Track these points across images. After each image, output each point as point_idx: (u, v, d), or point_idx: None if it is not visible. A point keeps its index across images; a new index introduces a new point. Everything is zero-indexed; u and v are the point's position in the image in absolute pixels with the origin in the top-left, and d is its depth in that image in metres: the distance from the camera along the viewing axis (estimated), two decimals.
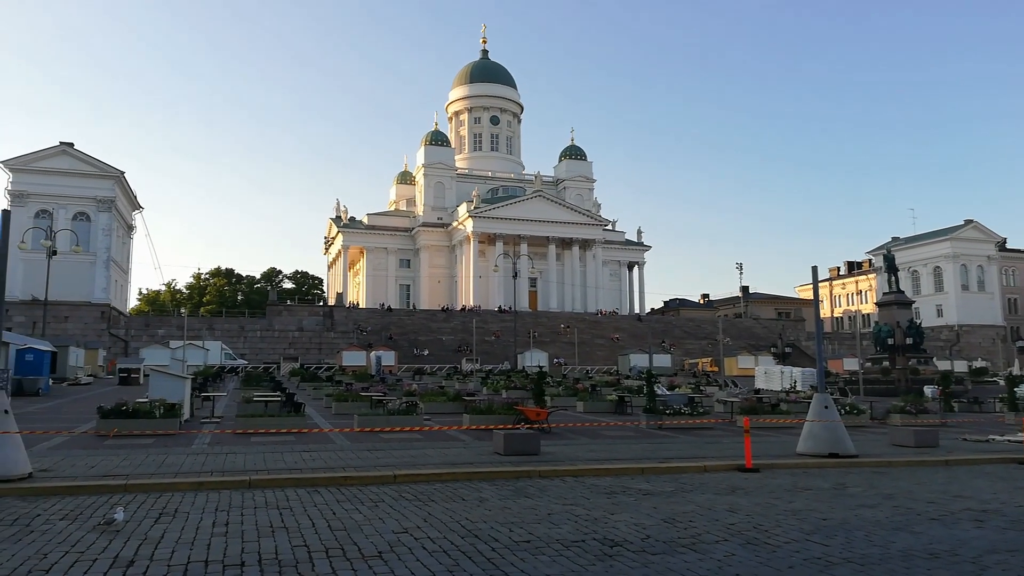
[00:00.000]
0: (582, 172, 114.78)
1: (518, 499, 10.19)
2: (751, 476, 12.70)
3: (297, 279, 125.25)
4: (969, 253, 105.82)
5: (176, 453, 14.27)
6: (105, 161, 75.35)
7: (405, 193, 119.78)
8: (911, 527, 8.59)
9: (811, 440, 15.29)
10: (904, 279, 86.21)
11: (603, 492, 10.83)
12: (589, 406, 28.42)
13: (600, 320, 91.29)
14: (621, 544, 7.57)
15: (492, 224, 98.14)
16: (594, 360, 72.46)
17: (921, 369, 45.46)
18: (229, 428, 19.15)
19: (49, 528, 8.12)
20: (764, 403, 26.17)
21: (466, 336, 73.49)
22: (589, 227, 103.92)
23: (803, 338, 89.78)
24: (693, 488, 11.31)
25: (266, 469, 12.30)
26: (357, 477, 11.63)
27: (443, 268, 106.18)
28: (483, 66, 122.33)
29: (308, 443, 16.38)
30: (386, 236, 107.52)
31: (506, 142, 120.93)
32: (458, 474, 12.10)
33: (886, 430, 20.76)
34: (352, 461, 13.41)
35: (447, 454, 14.69)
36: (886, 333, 46.97)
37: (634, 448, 16.35)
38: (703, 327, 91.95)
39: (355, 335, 74.60)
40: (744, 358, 70.07)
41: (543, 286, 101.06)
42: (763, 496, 10.64)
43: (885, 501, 10.34)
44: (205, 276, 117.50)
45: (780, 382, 45.37)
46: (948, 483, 12.23)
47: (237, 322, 76.93)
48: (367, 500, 10.02)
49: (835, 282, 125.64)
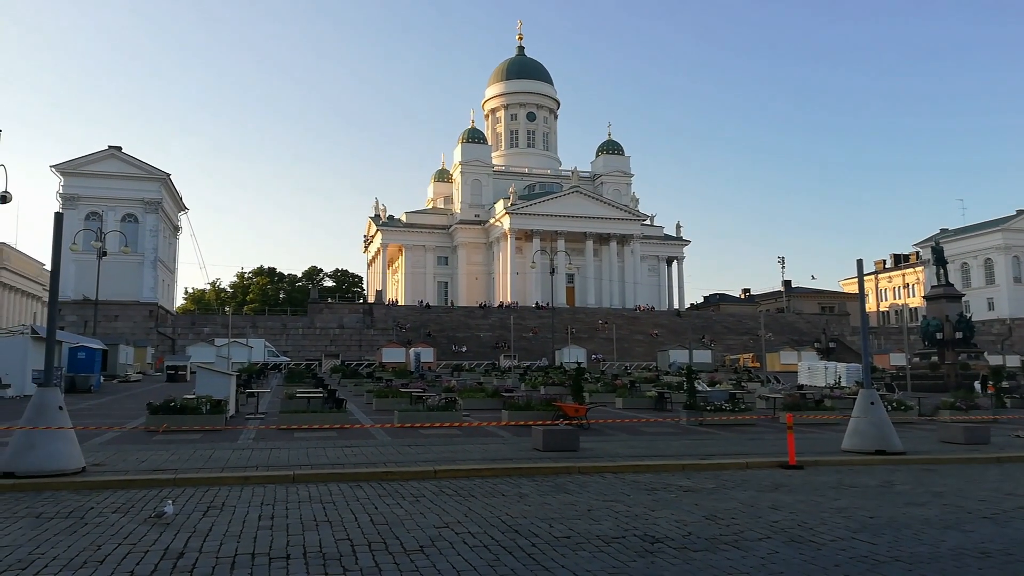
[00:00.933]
0: (619, 167, 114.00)
1: (558, 495, 10.18)
2: (795, 473, 12.49)
3: (337, 277, 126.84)
4: (1022, 244, 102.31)
5: (222, 448, 14.58)
6: (152, 164, 77.34)
7: (442, 191, 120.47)
8: (962, 525, 8.37)
9: (857, 437, 14.96)
10: (953, 272, 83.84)
11: (643, 488, 10.76)
12: (628, 402, 28.25)
13: (638, 316, 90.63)
14: (662, 541, 7.52)
15: (529, 220, 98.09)
16: (633, 356, 71.99)
17: (971, 364, 44.20)
18: (273, 424, 19.49)
19: (102, 520, 8.36)
20: (808, 399, 25.67)
21: (504, 333, 73.64)
22: (627, 222, 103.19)
23: (848, 333, 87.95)
24: (735, 485, 11.17)
25: (309, 464, 12.49)
26: (398, 472, 11.74)
27: (480, 265, 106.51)
28: (519, 63, 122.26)
29: (350, 438, 16.58)
30: (424, 234, 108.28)
31: (543, 138, 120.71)
32: (497, 470, 12.14)
33: (935, 427, 20.20)
34: (393, 456, 13.55)
35: (486, 450, 14.74)
36: (935, 327, 45.76)
37: (674, 444, 16.20)
38: (744, 322, 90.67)
39: (394, 332, 75.32)
40: (787, 354, 68.89)
41: (580, 282, 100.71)
42: (807, 493, 10.46)
43: (934, 499, 10.08)
44: (248, 275, 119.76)
45: (824, 378, 44.49)
46: (1000, 481, 11.87)
47: (279, 320, 78.30)
48: (408, 495, 10.12)
49: (881, 275, 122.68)
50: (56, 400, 11.53)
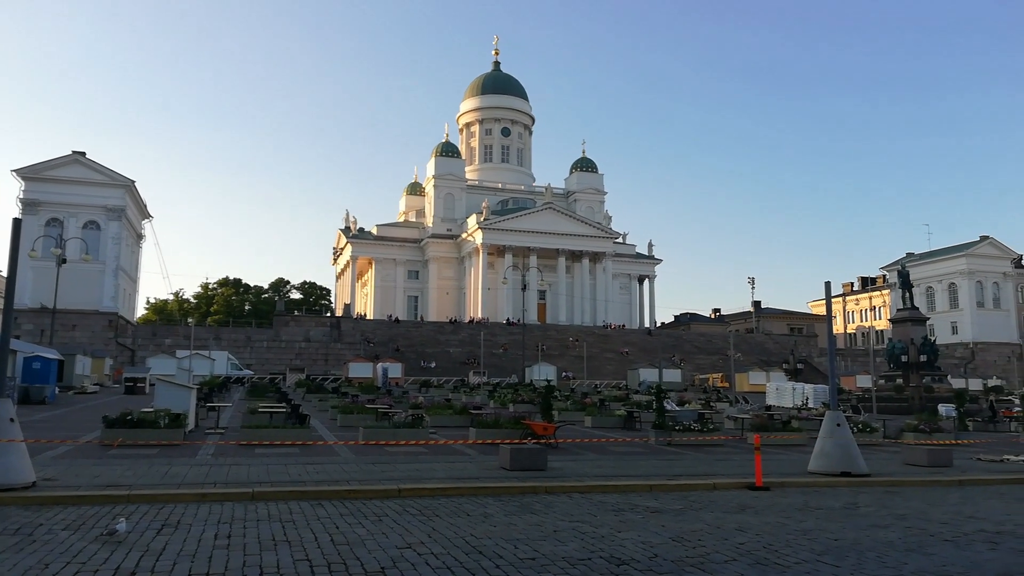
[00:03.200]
0: (593, 184, 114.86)
1: (524, 515, 10.05)
2: (761, 494, 12.51)
3: (305, 290, 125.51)
4: (985, 269, 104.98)
5: (180, 464, 14.21)
6: (116, 170, 76.03)
7: (415, 204, 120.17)
8: (924, 549, 8.41)
9: (823, 458, 15.07)
10: (919, 295, 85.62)
11: (610, 509, 10.68)
12: (597, 421, 28.22)
13: (609, 334, 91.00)
14: (628, 563, 7.43)
15: (501, 236, 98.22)
16: (603, 374, 72.14)
17: (935, 387, 45.00)
18: (233, 439, 19.09)
19: (51, 538, 8.06)
20: (775, 420, 25.91)
21: (474, 349, 73.39)
22: (599, 240, 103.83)
23: (815, 354, 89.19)
24: (702, 506, 11.14)
25: (270, 481, 12.21)
26: (361, 491, 11.52)
27: (452, 280, 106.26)
28: (495, 78, 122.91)
29: (312, 455, 16.30)
30: (395, 247, 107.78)
31: (517, 154, 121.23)
32: (463, 489, 11.98)
33: (899, 449, 20.47)
34: (356, 474, 13.31)
35: (452, 468, 14.56)
36: (900, 350, 46.57)
37: (642, 464, 16.17)
38: (714, 342, 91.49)
39: (362, 346, 74.63)
40: (755, 374, 69.63)
41: (552, 299, 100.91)
42: (773, 515, 10.46)
43: (897, 521, 10.15)
44: (213, 286, 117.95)
45: (792, 399, 44.98)
46: (962, 504, 12.00)
47: (244, 332, 77.12)
48: (371, 514, 9.91)
49: (848, 298, 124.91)
50: (7, 412, 11.16)
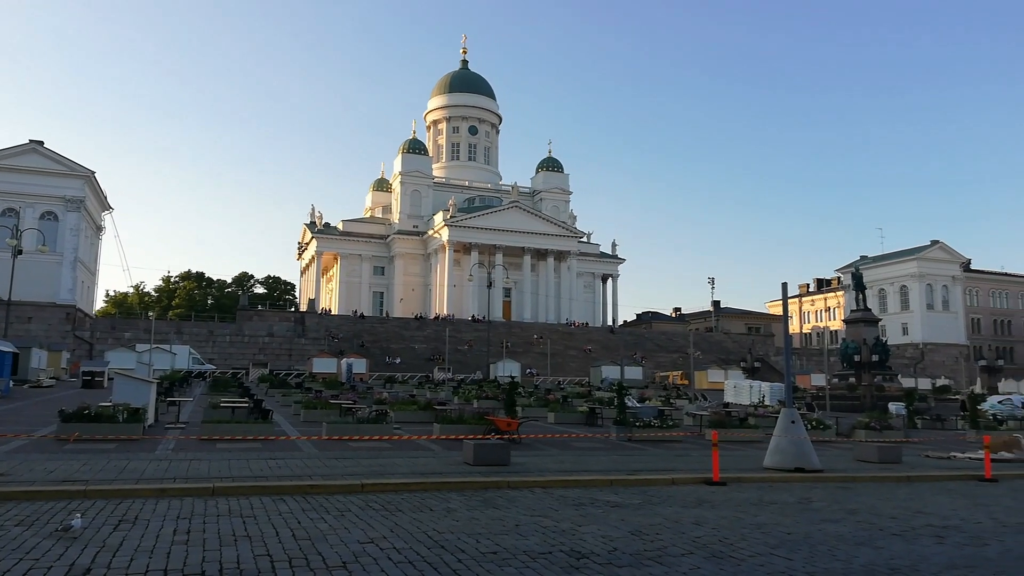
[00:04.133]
0: (559, 184, 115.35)
1: (486, 510, 10.14)
2: (718, 489, 12.78)
3: (269, 284, 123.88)
4: (935, 273, 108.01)
5: (138, 459, 14.00)
6: (76, 160, 74.08)
7: (381, 200, 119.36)
8: (873, 542, 8.70)
9: (778, 454, 15.44)
10: (871, 297, 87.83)
11: (571, 504, 10.82)
12: (560, 417, 28.44)
13: (573, 331, 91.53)
14: (588, 556, 7.56)
15: (468, 233, 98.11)
16: (566, 371, 72.56)
17: (886, 386, 46.17)
18: (194, 434, 18.83)
19: (3, 534, 7.90)
20: (733, 417, 26.40)
21: (439, 345, 73.21)
22: (564, 239, 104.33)
23: (772, 353, 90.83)
24: (661, 501, 11.35)
25: (231, 476, 12.10)
26: (324, 486, 11.49)
27: (417, 276, 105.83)
28: (463, 76, 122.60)
29: (275, 450, 16.18)
30: (361, 243, 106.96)
31: (484, 152, 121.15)
32: (426, 484, 12.02)
33: (851, 445, 21.03)
34: (319, 469, 13.26)
35: (416, 463, 14.59)
36: (853, 350, 47.69)
37: (603, 460, 16.38)
38: (675, 340, 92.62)
39: (326, 342, 73.94)
40: (714, 372, 70.68)
41: (517, 296, 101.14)
42: (729, 509, 10.72)
43: (848, 516, 10.46)
44: (175, 279, 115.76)
45: (749, 396, 45.79)
46: (910, 499, 12.41)
47: (206, 326, 75.88)
48: (333, 509, 9.91)
49: (805, 299, 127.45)
50: None
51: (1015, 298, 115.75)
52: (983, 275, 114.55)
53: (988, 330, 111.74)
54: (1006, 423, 31.84)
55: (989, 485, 14.71)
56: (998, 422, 31.65)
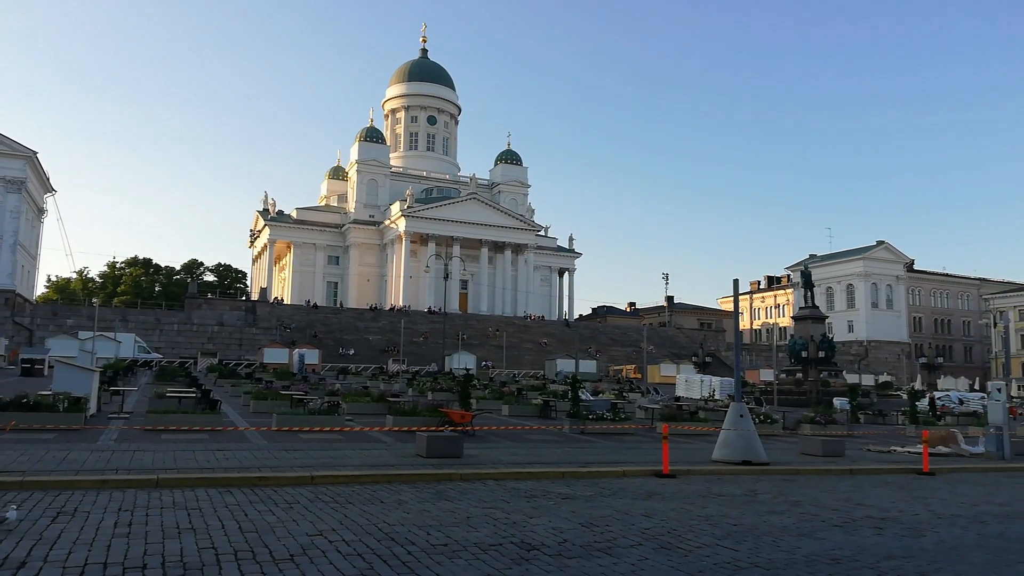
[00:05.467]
0: (517, 177, 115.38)
1: (438, 502, 10.11)
2: (668, 482, 12.97)
3: (219, 272, 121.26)
4: (880, 272, 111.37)
5: (79, 449, 13.59)
6: (17, 140, 71.30)
7: (337, 189, 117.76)
8: (816, 533, 8.92)
9: (726, 448, 15.74)
10: (819, 295, 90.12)
11: (523, 496, 10.86)
12: (514, 410, 28.53)
13: (529, 324, 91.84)
14: (538, 548, 7.59)
15: (425, 224, 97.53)
16: (522, 364, 72.81)
17: (832, 382, 47.49)
18: (138, 424, 18.36)
19: None
20: (683, 410, 26.83)
21: (394, 336, 72.71)
22: (522, 232, 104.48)
23: (723, 348, 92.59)
24: (612, 493, 11.47)
25: (176, 468, 11.83)
26: (272, 478, 11.31)
27: (373, 267, 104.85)
28: (422, 65, 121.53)
29: (223, 441, 15.87)
30: (315, 231, 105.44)
31: (442, 143, 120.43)
32: (378, 476, 11.92)
33: (796, 439, 21.57)
34: (268, 461, 13.06)
35: (367, 455, 14.46)
36: (800, 346, 48.90)
37: (556, 452, 16.48)
38: (629, 334, 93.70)
39: (278, 332, 72.79)
40: (667, 366, 71.76)
41: (474, 289, 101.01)
42: (678, 501, 10.88)
43: (792, 508, 10.72)
44: (121, 265, 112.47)
45: (700, 390, 46.64)
46: (852, 491, 12.78)
47: (153, 314, 73.96)
48: (282, 501, 9.75)
49: (755, 295, 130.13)
50: None
51: (955, 298, 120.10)
52: (925, 275, 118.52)
53: (929, 329, 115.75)
54: (944, 418, 33.04)
55: (927, 478, 15.24)
56: (936, 417, 32.81)
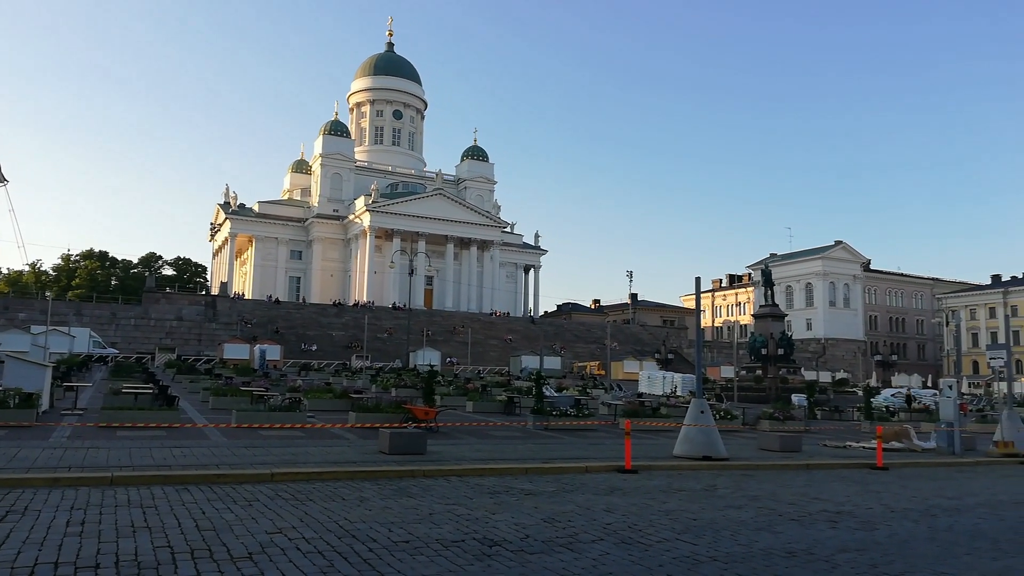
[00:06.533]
0: (483, 173, 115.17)
1: (400, 499, 10.06)
2: (630, 477, 13.09)
3: (179, 266, 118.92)
4: (837, 272, 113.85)
5: (31, 446, 13.22)
6: None
7: (300, 182, 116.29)
8: (772, 527, 9.09)
9: (687, 443, 15.96)
10: (779, 293, 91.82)
11: (486, 492, 10.87)
12: (479, 406, 28.52)
13: (494, 321, 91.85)
14: (500, 544, 7.60)
15: (390, 220, 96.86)
16: (487, 360, 72.78)
17: (790, 378, 48.45)
18: (93, 421, 17.93)
19: None
20: (646, 407, 27.12)
21: (358, 332, 72.08)
22: (488, 228, 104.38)
23: (685, 345, 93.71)
24: (574, 488, 11.54)
25: (131, 465, 11.58)
26: (231, 475, 11.13)
27: (337, 262, 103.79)
28: (388, 59, 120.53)
29: (180, 438, 15.58)
30: (278, 226, 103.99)
31: (408, 138, 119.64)
32: (339, 473, 11.82)
33: (755, 435, 21.94)
34: (227, 458, 12.85)
35: (329, 452, 14.33)
36: (760, 343, 49.76)
37: (520, 448, 16.53)
38: (593, 331, 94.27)
39: (239, 327, 71.68)
40: (630, 363, 72.39)
41: (439, 285, 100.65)
42: (639, 496, 10.99)
43: (751, 502, 10.90)
44: (75, 258, 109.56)
45: (662, 387, 47.18)
46: (808, 486, 13.04)
47: (109, 308, 72.25)
48: (240, 499, 9.60)
49: (717, 293, 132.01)
50: None
51: (909, 297, 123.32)
52: (881, 275, 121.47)
53: (884, 327, 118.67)
54: (898, 415, 33.91)
55: (880, 473, 15.62)
56: (890, 413, 33.66)
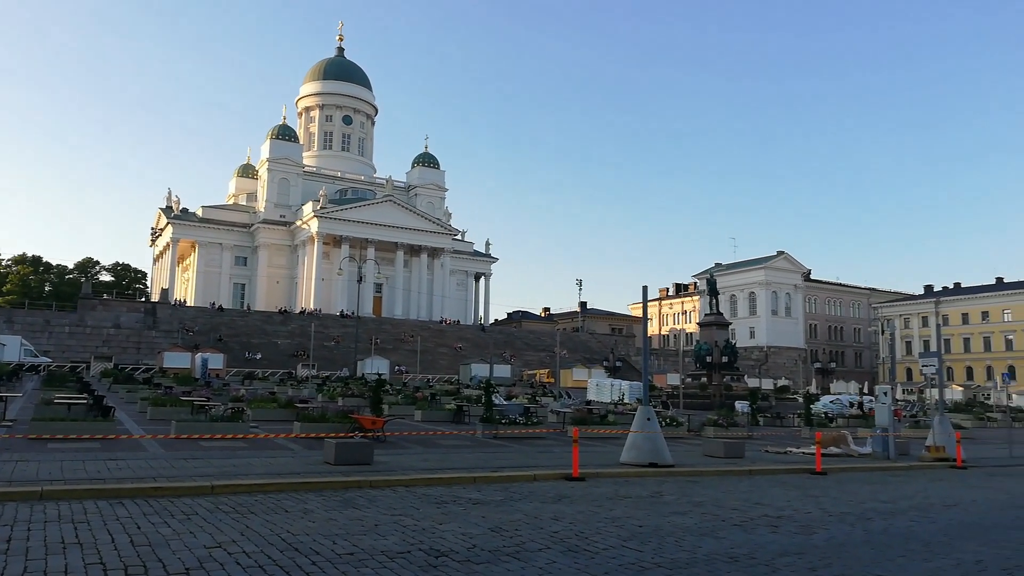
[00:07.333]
0: (434, 180, 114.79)
1: (345, 510, 9.90)
2: (577, 485, 13.15)
3: (117, 272, 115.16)
4: (779, 281, 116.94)
5: None
6: None
7: (246, 187, 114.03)
8: (716, 532, 9.24)
9: (633, 450, 16.13)
10: (723, 302, 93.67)
11: (433, 502, 10.78)
12: (427, 415, 28.33)
13: (445, 329, 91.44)
14: (447, 554, 7.54)
15: (339, 226, 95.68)
16: (437, 369, 72.38)
17: (734, 386, 49.48)
18: (22, 433, 17.14)
19: None
20: (594, 414, 27.33)
21: (304, 341, 70.85)
22: (439, 236, 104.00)
23: (633, 353, 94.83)
24: (522, 497, 11.53)
25: (63, 479, 11.13)
26: (169, 488, 10.78)
27: (283, 268, 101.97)
28: (338, 64, 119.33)
29: (115, 450, 15.05)
30: (222, 231, 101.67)
31: (358, 143, 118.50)
32: (283, 485, 11.56)
33: (700, 441, 22.31)
34: (165, 470, 12.46)
35: (273, 463, 14.02)
36: (705, 351, 50.73)
37: (468, 457, 16.45)
38: (543, 339, 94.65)
39: (180, 335, 69.72)
40: (579, 370, 72.91)
41: (388, 292, 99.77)
42: (586, 504, 11.05)
43: (695, 508, 11.07)
44: (7, 263, 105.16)
45: (610, 394, 47.63)
46: (750, 491, 13.31)
47: (42, 315, 69.42)
48: (178, 513, 9.31)
49: (664, 302, 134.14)
50: None
51: (847, 306, 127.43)
52: (821, 285, 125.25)
53: (824, 335, 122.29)
54: (836, 420, 34.93)
55: (819, 478, 16.05)
56: (829, 419, 34.65)
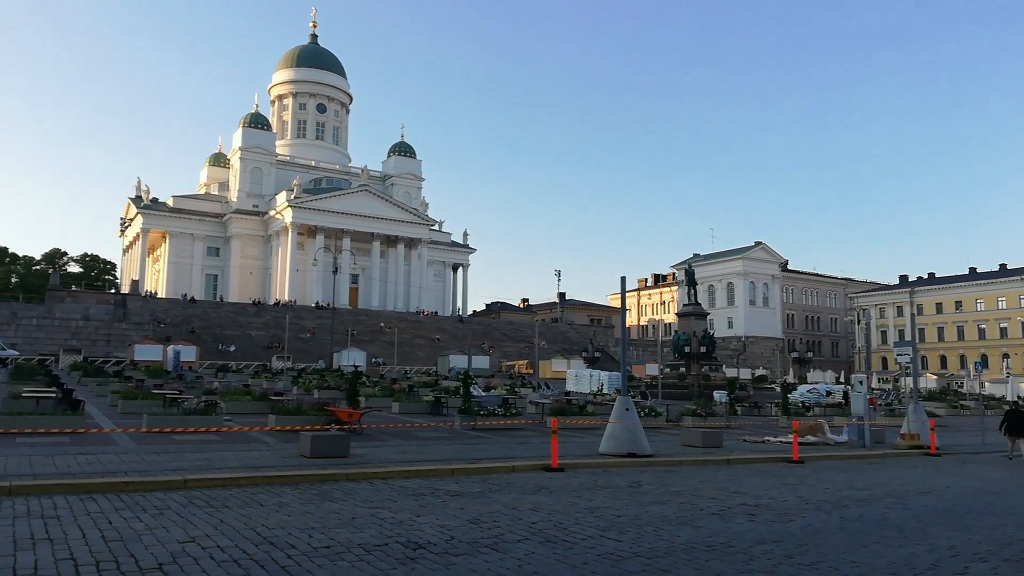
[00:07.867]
0: (411, 170, 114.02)
1: (322, 503, 9.78)
2: (556, 475, 13.14)
3: (86, 263, 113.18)
4: (757, 272, 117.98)
5: None
6: None
7: (218, 176, 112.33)
8: (694, 521, 9.27)
9: (612, 440, 16.16)
10: (702, 292, 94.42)
11: (411, 494, 10.69)
12: (405, 407, 28.20)
13: (422, 320, 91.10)
14: (424, 547, 7.47)
15: (313, 216, 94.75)
16: (414, 360, 72.11)
17: (712, 376, 49.89)
18: None
19: None
20: (573, 405, 27.39)
21: (279, 332, 70.17)
22: (416, 226, 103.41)
23: (612, 344, 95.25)
24: (500, 488, 11.49)
25: (32, 474, 10.89)
26: (141, 483, 10.59)
27: (256, 259, 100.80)
28: (312, 51, 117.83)
29: (86, 445, 14.79)
30: (193, 221, 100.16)
31: (333, 132, 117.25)
32: (257, 478, 11.41)
33: (679, 431, 22.45)
34: (136, 465, 12.24)
35: (247, 457, 13.85)
36: (684, 341, 51.05)
37: (446, 449, 16.38)
38: (522, 330, 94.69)
39: (151, 327, 68.70)
40: (558, 361, 73.05)
41: (365, 283, 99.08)
42: (565, 495, 11.03)
43: (673, 498, 11.10)
44: None
45: (589, 385, 47.76)
46: (728, 480, 13.39)
47: (9, 307, 68.00)
48: (151, 507, 9.14)
49: (643, 292, 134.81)
50: None
51: (824, 296, 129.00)
52: (798, 275, 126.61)
53: (801, 325, 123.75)
54: (812, 409, 35.37)
55: (796, 466, 16.21)
56: (806, 408, 35.06)
